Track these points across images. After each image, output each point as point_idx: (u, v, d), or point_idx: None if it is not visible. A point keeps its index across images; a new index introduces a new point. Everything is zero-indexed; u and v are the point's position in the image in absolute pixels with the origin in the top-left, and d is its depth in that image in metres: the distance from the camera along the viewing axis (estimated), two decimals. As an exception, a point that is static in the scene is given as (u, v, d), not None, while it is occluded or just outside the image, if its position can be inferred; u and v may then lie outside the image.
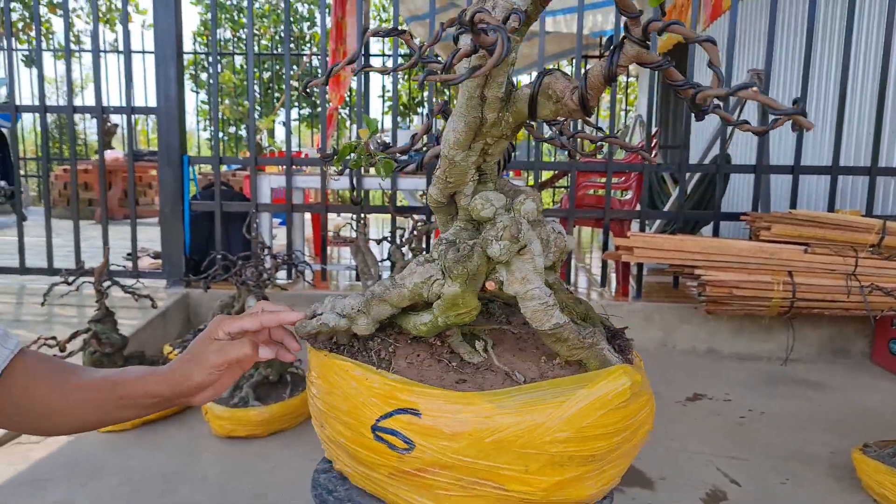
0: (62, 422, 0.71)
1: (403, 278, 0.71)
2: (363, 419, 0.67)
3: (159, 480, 1.59)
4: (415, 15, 4.72)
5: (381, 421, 0.66)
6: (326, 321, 0.73)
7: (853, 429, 1.96)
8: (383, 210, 2.95)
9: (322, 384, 0.73)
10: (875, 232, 2.48)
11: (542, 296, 0.68)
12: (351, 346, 0.75)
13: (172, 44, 2.80)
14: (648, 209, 2.92)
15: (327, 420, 0.74)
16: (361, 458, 0.70)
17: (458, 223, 0.75)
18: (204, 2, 11.09)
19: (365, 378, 0.69)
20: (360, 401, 0.68)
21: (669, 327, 2.76)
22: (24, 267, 3.00)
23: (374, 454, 0.68)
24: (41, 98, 2.97)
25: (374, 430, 0.66)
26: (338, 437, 0.72)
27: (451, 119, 0.68)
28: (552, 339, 0.69)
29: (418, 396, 0.66)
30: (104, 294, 1.91)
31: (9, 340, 0.68)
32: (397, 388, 0.67)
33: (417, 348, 0.74)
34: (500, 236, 0.67)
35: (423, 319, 0.72)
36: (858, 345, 2.71)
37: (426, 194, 0.75)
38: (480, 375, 0.70)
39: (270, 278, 2.14)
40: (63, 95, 10.01)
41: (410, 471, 0.67)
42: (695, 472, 1.69)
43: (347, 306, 0.73)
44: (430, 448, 0.64)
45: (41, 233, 3.04)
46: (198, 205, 3.00)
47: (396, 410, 0.65)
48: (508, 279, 0.69)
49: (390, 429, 0.65)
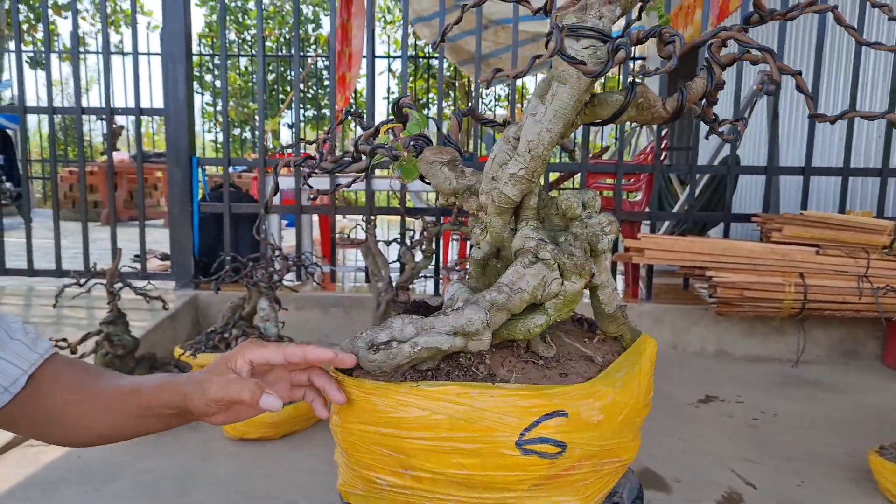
0: (90, 429, 0.68)
1: (516, 283, 0.68)
2: (499, 440, 0.64)
3: (173, 483, 1.58)
4: (420, 16, 4.72)
5: (527, 433, 0.64)
6: (437, 345, 0.65)
7: (867, 431, 1.95)
8: (392, 211, 2.94)
9: (408, 422, 0.65)
10: (887, 233, 2.46)
11: (614, 283, 0.79)
12: (438, 369, 0.69)
13: (181, 44, 2.80)
14: (658, 211, 2.91)
15: (417, 462, 0.66)
16: (494, 483, 0.66)
17: (528, 223, 0.75)
18: (209, 3, 11.11)
19: (490, 396, 0.64)
20: (489, 423, 0.64)
21: (679, 329, 2.74)
22: (32, 269, 3.00)
23: (517, 471, 0.65)
24: (49, 100, 2.97)
25: (519, 445, 0.64)
26: (453, 474, 0.65)
27: (545, 120, 0.69)
28: (610, 320, 0.80)
29: (556, 398, 0.65)
30: (116, 296, 1.90)
31: (39, 344, 0.67)
32: (533, 395, 0.64)
33: (500, 355, 0.73)
34: (609, 230, 0.74)
35: (538, 321, 0.70)
36: (869, 346, 2.69)
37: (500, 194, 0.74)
38: (568, 365, 0.74)
39: (281, 280, 2.13)
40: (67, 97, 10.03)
41: (559, 473, 0.66)
42: (710, 474, 1.68)
43: (475, 321, 0.66)
44: (580, 443, 0.66)
45: (47, 234, 3.04)
46: (206, 206, 2.99)
47: (542, 418, 0.64)
48: (598, 270, 0.76)
49: (539, 438, 0.64)
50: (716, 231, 4.08)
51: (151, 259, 3.48)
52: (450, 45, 4.80)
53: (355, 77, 4.45)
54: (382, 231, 5.55)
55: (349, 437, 0.70)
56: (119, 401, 0.68)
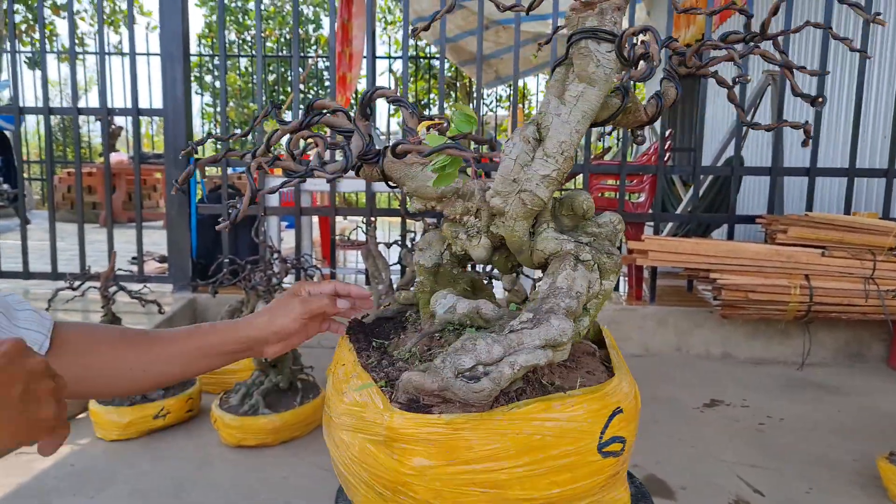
0: (134, 380, 0.73)
1: (573, 287, 0.68)
2: (586, 449, 0.63)
3: (170, 491, 1.55)
4: (420, 17, 4.69)
5: (603, 435, 0.64)
6: (536, 361, 0.61)
7: (874, 434, 1.92)
8: (393, 213, 2.91)
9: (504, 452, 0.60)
10: (893, 235, 2.43)
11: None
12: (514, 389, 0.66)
13: (179, 44, 2.77)
14: (662, 212, 2.88)
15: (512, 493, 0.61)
16: (577, 495, 0.64)
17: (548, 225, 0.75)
18: (209, 4, 11.09)
19: (570, 407, 0.63)
20: (575, 434, 0.62)
21: (683, 331, 2.71)
22: (27, 271, 2.97)
23: (597, 476, 0.64)
24: (45, 100, 2.94)
25: (600, 449, 0.64)
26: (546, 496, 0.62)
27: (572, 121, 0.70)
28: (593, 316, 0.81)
29: (612, 396, 0.66)
30: (110, 300, 1.87)
31: (44, 322, 0.70)
32: (597, 398, 0.65)
33: None
34: (620, 228, 0.76)
35: (584, 323, 0.71)
36: (875, 349, 2.66)
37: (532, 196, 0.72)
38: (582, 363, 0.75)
39: (280, 283, 2.10)
40: (66, 98, 10.01)
41: (621, 470, 0.68)
42: (716, 480, 1.64)
43: (567, 332, 0.63)
44: (630, 436, 0.67)
45: (44, 236, 3.01)
46: (205, 208, 2.96)
47: (609, 417, 0.64)
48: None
49: (611, 438, 0.65)
50: (718, 232, 4.05)
51: (149, 261, 3.45)
52: (451, 45, 4.77)
53: (356, 77, 4.42)
54: (383, 233, 5.52)
55: (433, 485, 0.60)
56: (173, 346, 0.74)
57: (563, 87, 0.74)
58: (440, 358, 0.62)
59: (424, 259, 0.82)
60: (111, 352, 0.72)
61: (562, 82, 0.74)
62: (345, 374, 0.73)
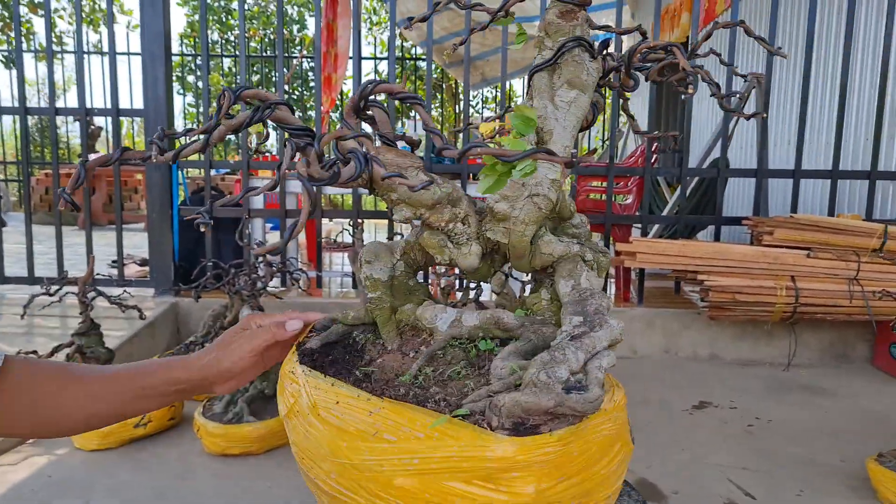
0: (73, 419, 0.69)
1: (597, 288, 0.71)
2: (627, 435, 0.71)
3: (150, 501, 1.50)
4: (407, 18, 4.66)
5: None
6: (612, 362, 0.61)
7: (861, 435, 1.93)
8: (380, 215, 2.87)
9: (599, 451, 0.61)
10: (877, 236, 2.46)
11: None
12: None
13: (160, 43, 2.71)
14: (650, 214, 2.88)
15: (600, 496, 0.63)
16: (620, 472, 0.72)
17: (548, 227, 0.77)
18: (191, 3, 10.95)
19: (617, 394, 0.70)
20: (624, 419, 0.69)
21: (671, 333, 2.71)
22: (2, 275, 2.89)
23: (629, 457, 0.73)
24: (21, 99, 2.86)
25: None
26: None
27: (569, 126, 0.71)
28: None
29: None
30: (89, 305, 1.81)
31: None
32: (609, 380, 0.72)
33: None
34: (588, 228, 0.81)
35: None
36: (859, 349, 2.69)
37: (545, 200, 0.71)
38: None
39: (265, 287, 2.06)
40: (43, 98, 9.81)
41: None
42: (708, 484, 1.64)
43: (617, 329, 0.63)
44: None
45: (20, 239, 2.93)
46: (187, 210, 2.90)
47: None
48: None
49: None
50: (703, 234, 4.07)
51: (130, 264, 3.38)
52: (437, 46, 4.75)
53: (341, 78, 4.37)
54: (370, 235, 5.48)
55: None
56: (114, 385, 0.71)
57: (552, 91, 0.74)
58: (543, 373, 0.56)
59: (377, 272, 0.75)
60: (58, 389, 0.69)
61: (549, 87, 0.74)
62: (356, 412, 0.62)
